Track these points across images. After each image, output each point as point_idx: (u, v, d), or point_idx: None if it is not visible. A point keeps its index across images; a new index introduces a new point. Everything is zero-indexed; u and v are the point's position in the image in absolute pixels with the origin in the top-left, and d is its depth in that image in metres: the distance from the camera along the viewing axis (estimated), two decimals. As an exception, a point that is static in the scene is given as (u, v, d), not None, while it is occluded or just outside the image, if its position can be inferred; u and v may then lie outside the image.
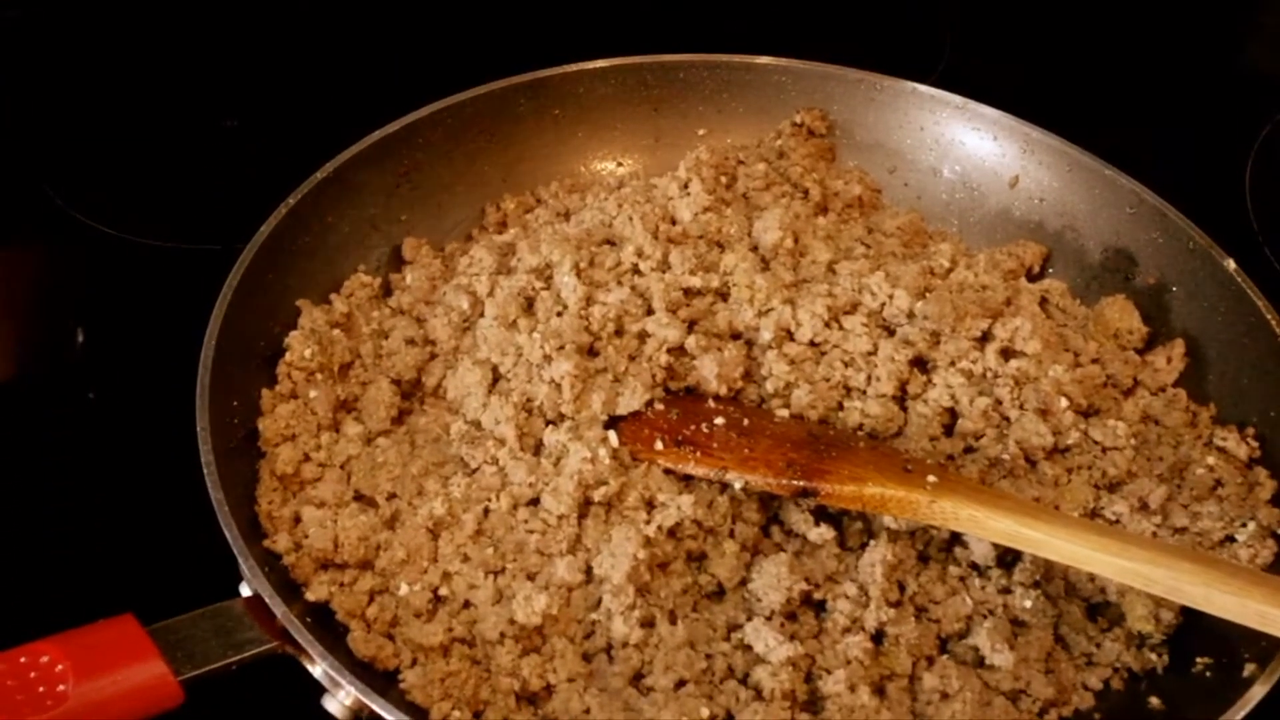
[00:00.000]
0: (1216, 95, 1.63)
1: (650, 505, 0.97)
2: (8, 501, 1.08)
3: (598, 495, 0.96)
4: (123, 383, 1.18)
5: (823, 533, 0.96)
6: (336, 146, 1.17)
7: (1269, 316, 1.06)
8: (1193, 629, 0.94)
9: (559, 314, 1.06)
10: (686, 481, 0.99)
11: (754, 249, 1.13)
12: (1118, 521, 0.99)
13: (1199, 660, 0.92)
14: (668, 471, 0.99)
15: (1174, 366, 1.11)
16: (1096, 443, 1.04)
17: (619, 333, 1.05)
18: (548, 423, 1.02)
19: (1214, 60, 1.70)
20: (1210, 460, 1.03)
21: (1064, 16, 1.74)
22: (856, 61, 1.31)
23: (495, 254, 1.15)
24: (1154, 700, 0.91)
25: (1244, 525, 0.98)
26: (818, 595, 0.95)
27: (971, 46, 1.63)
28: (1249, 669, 0.87)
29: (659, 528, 0.95)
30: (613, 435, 1.00)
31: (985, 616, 0.94)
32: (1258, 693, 0.85)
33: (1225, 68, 1.70)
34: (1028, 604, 0.94)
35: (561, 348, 1.02)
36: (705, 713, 0.87)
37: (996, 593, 0.95)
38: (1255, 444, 1.05)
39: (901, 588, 0.95)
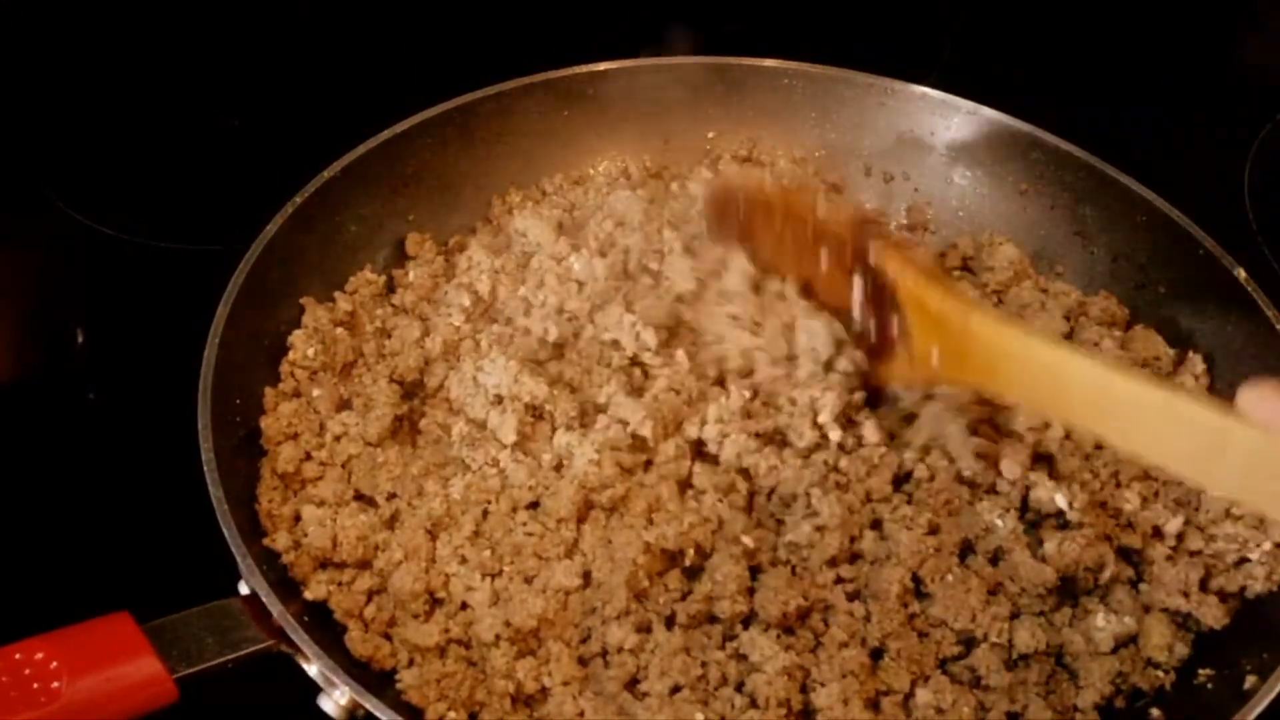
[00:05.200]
0: (1216, 95, 1.65)
1: (653, 513, 1.00)
2: (7, 501, 1.10)
3: (604, 498, 0.99)
4: (123, 383, 1.21)
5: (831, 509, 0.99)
6: (340, 147, 1.19)
7: (1279, 327, 1.08)
8: (1195, 640, 0.97)
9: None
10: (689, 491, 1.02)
11: None
12: (1139, 551, 1.01)
13: (1200, 672, 0.95)
14: None
15: (1201, 383, 1.13)
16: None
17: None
18: (554, 428, 1.05)
19: (1214, 60, 1.72)
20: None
21: (1063, 16, 1.76)
22: (856, 60, 1.33)
23: (491, 253, 1.18)
24: (1155, 712, 0.93)
25: (1258, 545, 1.00)
26: (816, 613, 0.97)
27: (971, 46, 1.65)
28: (1250, 681, 0.89)
29: (660, 535, 0.97)
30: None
31: (984, 639, 0.96)
32: (1259, 704, 0.87)
33: (1225, 68, 1.72)
34: (1028, 634, 0.96)
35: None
36: (700, 718, 0.89)
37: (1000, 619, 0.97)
38: (1273, 460, 1.07)
39: (905, 606, 0.97)
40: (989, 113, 1.28)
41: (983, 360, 0.92)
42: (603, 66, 1.32)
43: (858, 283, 1.00)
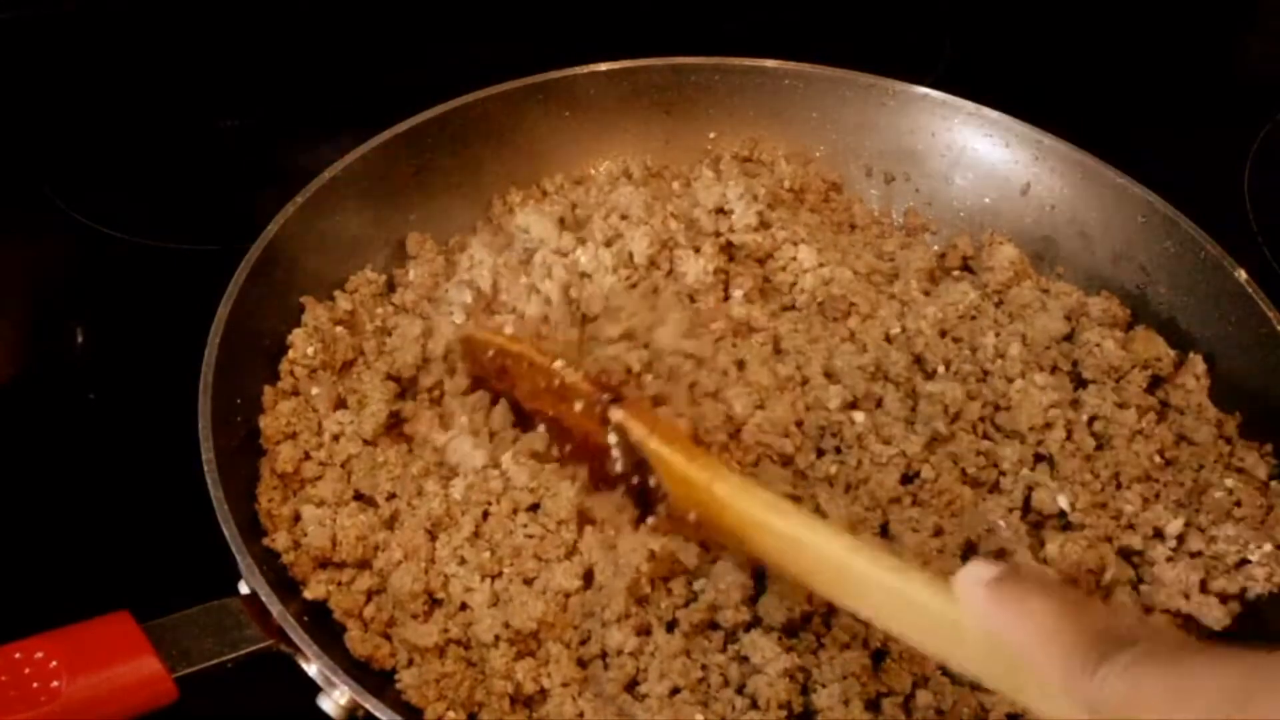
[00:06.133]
0: (1216, 95, 1.66)
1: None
2: (7, 501, 1.11)
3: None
4: (123, 383, 1.21)
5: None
6: (341, 147, 1.19)
7: (1280, 328, 1.09)
8: (1195, 642, 0.97)
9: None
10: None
11: None
12: (1139, 553, 1.02)
13: (1201, 673, 0.95)
14: None
15: (1202, 384, 1.14)
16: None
17: None
18: None
19: (1214, 60, 1.73)
20: (1229, 482, 1.05)
21: (1063, 16, 1.77)
22: (856, 60, 1.34)
23: (493, 251, 1.19)
24: (1155, 713, 0.93)
25: (1259, 546, 1.00)
26: (818, 615, 0.97)
27: (971, 46, 1.66)
28: (1250, 682, 0.89)
29: (665, 544, 0.97)
30: None
31: None
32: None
33: (1225, 68, 1.73)
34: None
35: None
36: (700, 719, 0.90)
37: None
38: (1275, 461, 1.08)
39: None
40: (990, 113, 1.28)
41: (733, 525, 0.92)
42: (603, 67, 1.32)
43: (613, 438, 1.00)
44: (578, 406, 1.01)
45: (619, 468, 1.00)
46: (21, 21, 1.61)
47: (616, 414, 0.98)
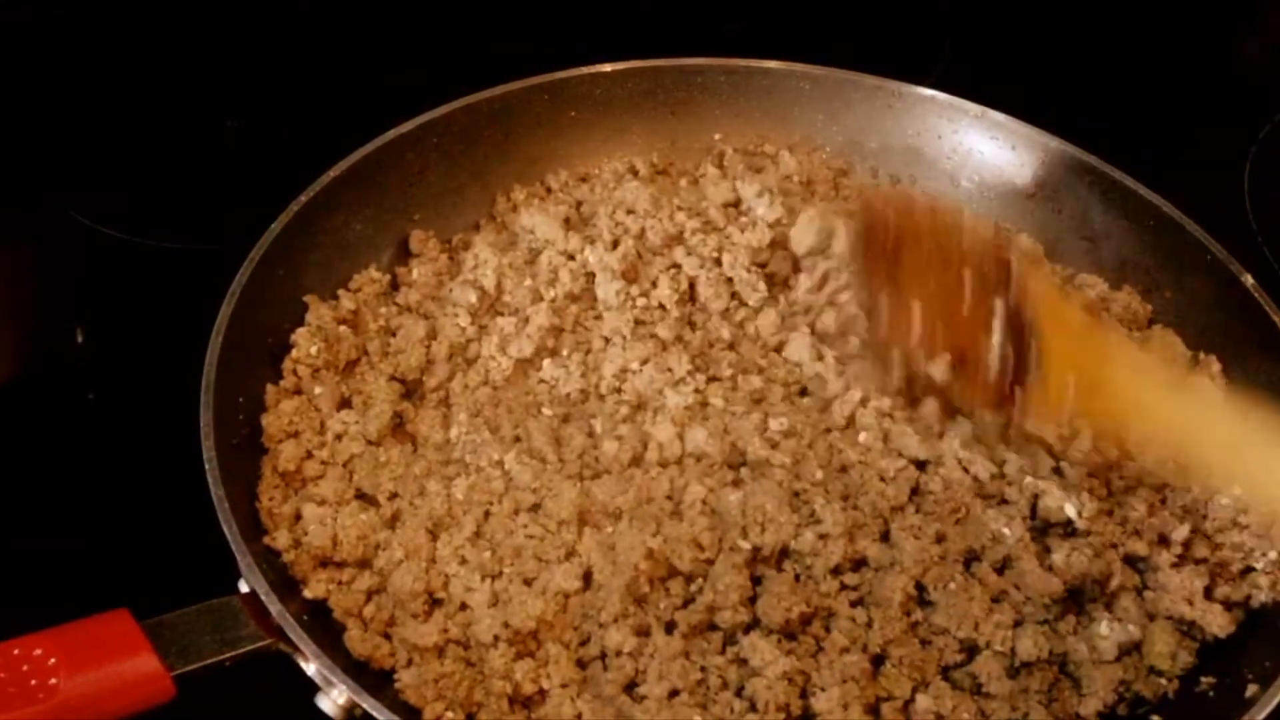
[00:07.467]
0: (1216, 95, 1.67)
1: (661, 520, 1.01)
2: (7, 501, 1.12)
3: (620, 501, 1.02)
4: (123, 383, 1.22)
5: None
6: (345, 147, 1.20)
7: (1285, 331, 1.10)
8: (1198, 648, 0.98)
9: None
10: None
11: None
12: (1144, 559, 1.02)
13: (1202, 680, 0.96)
14: None
15: (1218, 384, 1.14)
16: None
17: None
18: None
19: (1214, 60, 1.74)
20: (1236, 489, 1.05)
21: (1063, 16, 1.78)
22: (856, 60, 1.35)
23: (497, 250, 1.20)
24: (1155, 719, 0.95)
25: (1264, 554, 1.01)
26: (818, 619, 0.98)
27: (971, 46, 1.67)
28: (1251, 689, 0.91)
29: (665, 540, 0.99)
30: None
31: (986, 647, 0.97)
32: (1260, 713, 0.88)
33: (1225, 68, 1.74)
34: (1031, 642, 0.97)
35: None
36: (698, 720, 0.91)
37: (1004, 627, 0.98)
38: (1278, 464, 1.08)
39: (908, 614, 0.98)
40: (997, 116, 1.29)
41: (1114, 381, 0.93)
42: (609, 68, 1.33)
43: (999, 308, 0.99)
44: (968, 281, 1.01)
45: (994, 340, 1.00)
46: (21, 22, 1.62)
47: (1018, 260, 0.99)
